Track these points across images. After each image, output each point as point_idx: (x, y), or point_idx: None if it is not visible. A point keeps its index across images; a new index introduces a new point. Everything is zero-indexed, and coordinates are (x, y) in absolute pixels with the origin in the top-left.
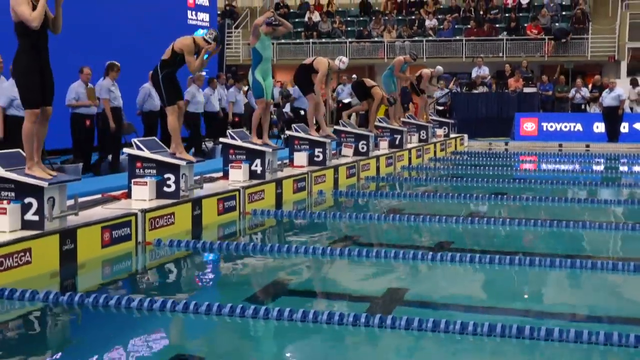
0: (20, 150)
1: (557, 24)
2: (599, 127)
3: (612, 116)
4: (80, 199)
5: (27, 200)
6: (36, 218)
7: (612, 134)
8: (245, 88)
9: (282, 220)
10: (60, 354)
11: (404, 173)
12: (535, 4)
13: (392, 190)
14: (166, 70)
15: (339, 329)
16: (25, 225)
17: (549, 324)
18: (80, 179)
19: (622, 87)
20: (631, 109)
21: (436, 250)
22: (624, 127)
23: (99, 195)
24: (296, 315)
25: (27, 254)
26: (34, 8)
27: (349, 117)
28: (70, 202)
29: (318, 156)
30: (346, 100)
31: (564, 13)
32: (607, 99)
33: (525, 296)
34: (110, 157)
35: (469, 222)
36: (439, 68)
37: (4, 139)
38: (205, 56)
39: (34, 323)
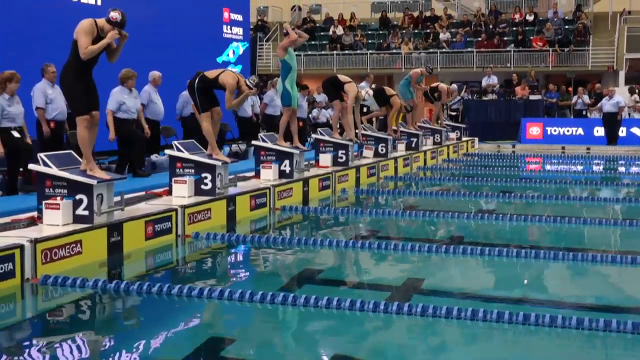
0: (72, 152)
1: (559, 37)
2: (599, 132)
3: (611, 121)
4: (126, 196)
5: (78, 196)
6: (86, 213)
7: (611, 138)
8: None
9: (309, 216)
10: (107, 336)
11: (420, 173)
12: (541, 18)
13: (408, 188)
14: (202, 85)
15: (361, 315)
16: (77, 219)
17: (552, 311)
18: (126, 177)
19: (620, 95)
20: (629, 114)
21: (449, 244)
22: (622, 132)
23: (143, 193)
24: (321, 302)
25: (78, 245)
26: (98, 40)
27: (369, 121)
28: (117, 198)
29: (341, 157)
30: None
31: (566, 27)
32: (607, 105)
33: (531, 286)
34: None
35: (479, 218)
36: (454, 86)
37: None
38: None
39: (84, 308)
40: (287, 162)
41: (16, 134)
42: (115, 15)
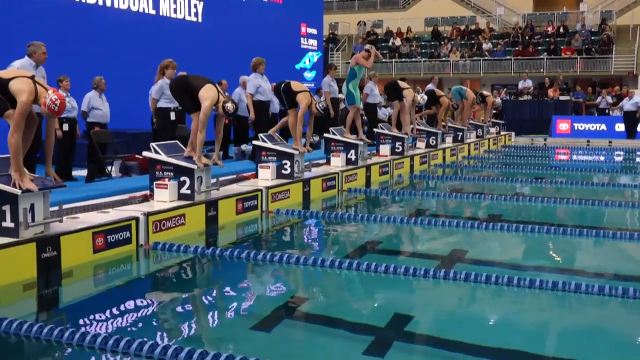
0: (177, 142)
1: (586, 46)
2: (620, 127)
3: (631, 118)
4: (221, 178)
5: (182, 178)
6: (189, 192)
7: (630, 133)
8: (341, 96)
9: (370, 196)
10: (204, 293)
11: (464, 161)
12: (570, 30)
13: (455, 174)
14: (286, 89)
15: (413, 279)
16: (181, 197)
17: (577, 279)
18: (213, 164)
19: (639, 96)
20: None
21: (489, 221)
22: None
23: (234, 176)
24: (380, 268)
25: (182, 218)
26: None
27: (422, 118)
28: (214, 180)
29: (398, 148)
30: None
31: (592, 38)
32: (627, 105)
33: (559, 258)
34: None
35: (515, 200)
36: (498, 101)
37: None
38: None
39: (186, 269)
40: (352, 151)
41: (173, 116)
42: (229, 107)
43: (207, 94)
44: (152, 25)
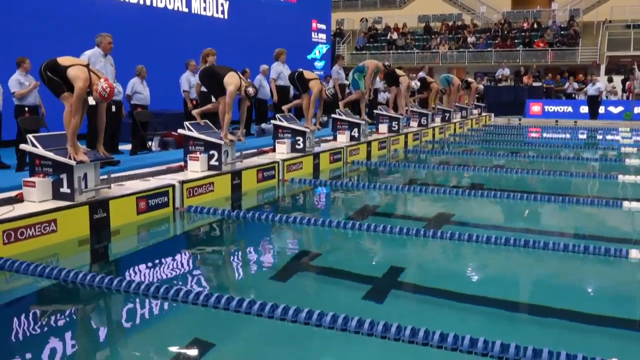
0: (207, 121)
1: (557, 40)
2: (584, 109)
3: (594, 102)
4: (244, 152)
5: (211, 152)
6: (217, 163)
7: (593, 114)
8: (347, 82)
9: (371, 168)
10: (230, 246)
11: (451, 138)
12: (542, 26)
13: (442, 149)
14: (299, 76)
15: (406, 238)
16: (210, 167)
17: (546, 238)
18: (244, 141)
19: (601, 82)
20: (606, 97)
21: (471, 189)
22: (602, 109)
23: (255, 150)
24: (379, 228)
25: (211, 185)
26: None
27: (415, 101)
28: (238, 154)
29: (394, 126)
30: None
31: (562, 32)
32: (591, 90)
33: (530, 220)
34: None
35: (493, 171)
36: (481, 87)
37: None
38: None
39: (215, 229)
40: (356, 129)
41: (213, 99)
42: (250, 91)
43: (231, 80)
44: (185, 22)
